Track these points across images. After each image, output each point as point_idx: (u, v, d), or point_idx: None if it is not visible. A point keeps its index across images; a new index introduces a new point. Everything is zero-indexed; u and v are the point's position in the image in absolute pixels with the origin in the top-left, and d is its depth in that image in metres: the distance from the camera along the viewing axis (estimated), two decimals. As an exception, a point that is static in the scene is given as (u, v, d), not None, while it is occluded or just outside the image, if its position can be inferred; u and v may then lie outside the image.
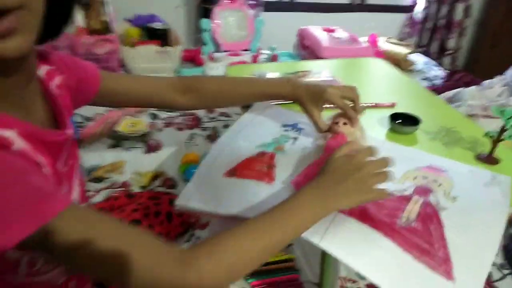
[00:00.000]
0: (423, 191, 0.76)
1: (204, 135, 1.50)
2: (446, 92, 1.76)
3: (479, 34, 3.35)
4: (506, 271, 1.13)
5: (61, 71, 0.57)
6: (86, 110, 1.59)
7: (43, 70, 0.54)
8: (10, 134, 0.43)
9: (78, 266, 0.45)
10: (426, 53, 3.14)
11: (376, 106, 1.07)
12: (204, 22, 2.06)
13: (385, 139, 0.94)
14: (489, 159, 0.87)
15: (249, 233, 0.52)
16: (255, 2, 2.57)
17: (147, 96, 0.75)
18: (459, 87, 1.80)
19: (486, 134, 0.87)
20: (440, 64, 3.23)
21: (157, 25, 1.94)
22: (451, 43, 3.14)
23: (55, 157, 0.50)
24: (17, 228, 0.39)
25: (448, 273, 0.63)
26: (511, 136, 0.84)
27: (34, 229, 0.39)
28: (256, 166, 0.82)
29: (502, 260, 1.15)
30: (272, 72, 1.17)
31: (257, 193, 0.73)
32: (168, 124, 1.56)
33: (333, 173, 0.62)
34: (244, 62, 2.00)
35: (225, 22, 2.10)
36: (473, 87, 1.72)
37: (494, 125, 1.50)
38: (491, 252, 0.65)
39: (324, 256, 0.88)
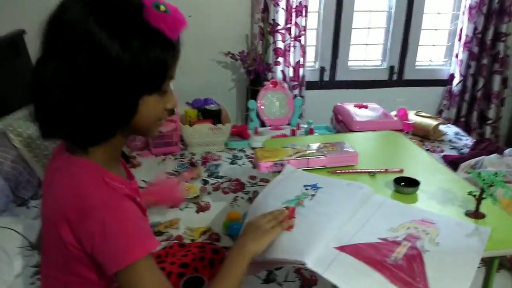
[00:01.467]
0: (412, 237, 0.95)
1: (246, 197, 1.75)
2: (469, 160, 1.91)
3: (519, 104, 3.43)
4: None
5: None
6: (149, 176, 1.91)
7: None
8: (125, 188, 0.71)
9: None
10: (463, 124, 3.27)
11: (386, 171, 1.29)
12: (251, 103, 2.40)
13: (389, 197, 1.14)
14: (475, 215, 1.04)
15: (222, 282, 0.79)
16: (297, 82, 2.92)
17: None
18: (483, 155, 1.94)
19: (470, 193, 1.05)
20: (480, 134, 3.33)
21: (211, 106, 2.31)
22: (491, 113, 3.26)
23: (136, 197, 0.77)
24: (138, 250, 0.65)
25: None
26: (491, 194, 1.02)
27: (144, 254, 0.65)
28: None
29: (510, 311, 1.24)
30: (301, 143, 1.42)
31: (280, 238, 0.95)
32: (216, 188, 1.83)
33: (247, 230, 0.89)
34: (284, 135, 2.28)
35: (268, 102, 2.44)
36: (493, 155, 1.86)
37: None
38: (464, 286, 0.81)
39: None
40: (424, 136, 2.37)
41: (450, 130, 2.55)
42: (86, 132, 0.67)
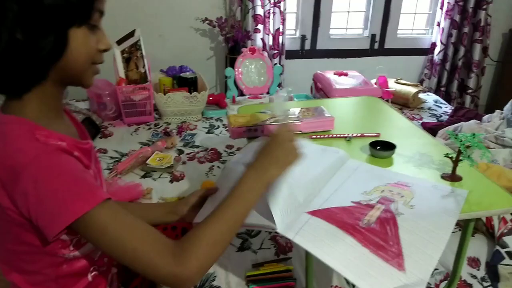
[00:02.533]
0: (386, 200, 0.92)
1: (222, 166, 1.71)
2: (448, 127, 1.89)
3: (499, 73, 3.45)
4: (486, 284, 1.22)
5: None
6: (122, 147, 1.85)
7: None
8: (64, 144, 0.65)
9: (101, 246, 0.64)
10: (443, 93, 3.27)
11: (362, 136, 1.25)
12: (228, 70, 2.32)
13: (365, 162, 1.11)
14: (452, 177, 1.02)
15: (216, 221, 0.69)
16: (277, 51, 2.85)
17: None
18: (461, 122, 1.92)
19: (446, 155, 1.02)
20: (460, 103, 3.34)
21: (186, 74, 2.22)
22: (471, 82, 3.26)
23: (89, 161, 0.72)
24: (80, 204, 0.59)
25: (400, 265, 0.78)
26: (468, 156, 0.99)
27: (91, 207, 0.59)
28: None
29: (484, 274, 1.24)
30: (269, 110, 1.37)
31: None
32: (191, 158, 1.78)
33: (263, 152, 0.79)
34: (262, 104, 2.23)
35: (246, 70, 2.36)
36: (472, 121, 1.85)
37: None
38: (438, 249, 0.79)
39: (307, 259, 1.03)
40: (404, 104, 2.35)
41: (429, 98, 2.53)
42: (14, 74, 0.62)
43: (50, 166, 0.60)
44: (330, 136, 1.25)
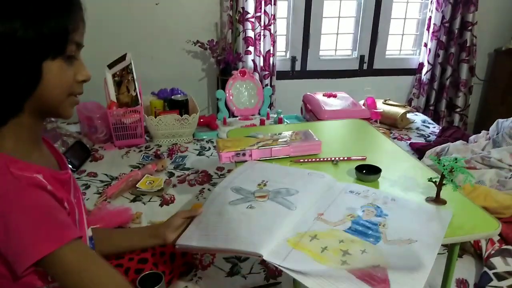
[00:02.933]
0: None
1: (212, 189, 1.71)
2: (435, 147, 1.92)
3: (486, 92, 3.51)
4: (475, 306, 1.23)
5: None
6: (112, 170, 1.85)
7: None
8: (39, 176, 0.65)
9: (64, 286, 0.64)
10: (432, 112, 3.32)
11: (349, 159, 1.26)
12: (219, 93, 2.35)
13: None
14: (436, 201, 1.04)
15: None
16: (268, 72, 2.89)
17: None
18: (449, 142, 1.95)
19: (430, 180, 1.03)
20: (449, 122, 3.39)
21: (177, 97, 2.24)
22: (459, 101, 3.31)
23: (68, 191, 0.72)
24: (46, 243, 0.60)
25: None
26: (452, 180, 1.01)
27: (57, 246, 0.60)
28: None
29: (472, 296, 1.25)
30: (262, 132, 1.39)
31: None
32: (181, 181, 1.78)
33: None
34: (253, 125, 2.25)
35: (237, 92, 2.39)
36: (459, 142, 1.87)
37: (476, 175, 1.64)
38: (423, 274, 0.80)
39: (295, 284, 1.03)
40: (392, 125, 2.38)
41: (417, 118, 2.56)
42: None
43: (19, 202, 0.60)
44: (318, 159, 1.26)
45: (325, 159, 1.26)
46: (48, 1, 0.62)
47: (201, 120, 2.28)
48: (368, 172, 1.16)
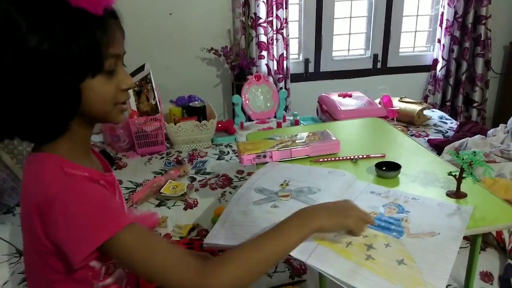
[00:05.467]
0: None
1: (233, 192, 1.75)
2: (454, 142, 1.92)
3: (503, 85, 3.48)
4: (500, 298, 1.23)
5: None
6: (136, 177, 1.90)
7: None
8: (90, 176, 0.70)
9: (132, 268, 0.69)
10: (449, 108, 3.30)
11: (368, 157, 1.29)
12: (235, 98, 2.39)
13: (371, 183, 1.14)
14: (457, 194, 1.05)
15: (253, 249, 0.71)
16: (282, 75, 2.92)
17: None
18: (467, 137, 1.95)
19: (450, 173, 1.05)
20: (467, 117, 3.36)
21: (194, 103, 2.30)
22: (476, 96, 3.29)
23: (113, 191, 0.77)
24: (106, 229, 0.63)
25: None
26: (471, 173, 1.02)
27: (116, 231, 0.63)
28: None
29: (497, 288, 1.25)
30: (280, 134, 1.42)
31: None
32: (203, 185, 1.83)
33: (328, 205, 0.83)
34: (270, 128, 2.28)
35: (253, 96, 2.43)
36: (477, 136, 1.88)
37: (496, 168, 1.64)
38: (448, 265, 0.82)
39: (321, 282, 1.06)
40: (409, 122, 2.38)
41: (434, 114, 2.56)
42: (34, 130, 0.66)
43: (78, 194, 0.65)
44: (337, 158, 1.29)
45: (344, 158, 1.29)
46: (75, 18, 0.60)
47: (219, 125, 2.32)
48: (388, 169, 1.18)
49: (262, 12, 2.75)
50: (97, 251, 0.64)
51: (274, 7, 2.76)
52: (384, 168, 1.18)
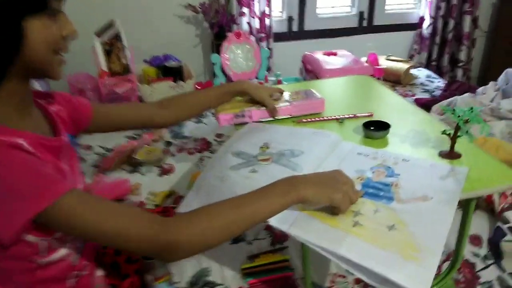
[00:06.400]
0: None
1: (212, 157, 1.65)
2: (442, 101, 1.84)
3: (490, 44, 3.39)
4: (489, 262, 1.19)
5: (58, 102, 0.77)
6: (107, 142, 1.78)
7: (44, 100, 0.74)
8: (21, 141, 0.60)
9: (83, 236, 0.63)
10: (435, 68, 3.21)
11: (355, 117, 1.19)
12: (214, 57, 2.25)
13: (358, 144, 1.05)
14: (450, 155, 0.97)
15: (232, 206, 0.66)
16: (264, 34, 2.77)
17: (136, 115, 0.94)
18: (455, 96, 1.88)
19: (444, 132, 0.97)
20: (452, 77, 3.29)
21: (171, 63, 2.15)
22: (462, 55, 3.20)
23: (56, 157, 0.66)
24: (34, 202, 0.55)
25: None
26: (467, 131, 0.94)
27: (47, 204, 0.55)
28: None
29: (486, 252, 1.21)
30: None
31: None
32: (180, 150, 1.72)
33: (314, 175, 0.75)
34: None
35: (233, 55, 2.29)
36: (466, 94, 1.80)
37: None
38: (444, 229, 0.74)
39: (304, 248, 0.98)
40: (396, 81, 2.30)
41: (421, 73, 2.48)
42: None
43: (4, 163, 0.56)
44: (321, 119, 1.19)
45: (330, 117, 1.19)
46: None
47: (198, 86, 2.19)
48: (376, 129, 1.09)
49: (242, -36, 2.56)
50: (33, 223, 0.56)
51: (255, -41, 2.57)
52: (372, 127, 1.09)
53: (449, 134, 0.96)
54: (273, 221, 0.78)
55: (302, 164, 0.94)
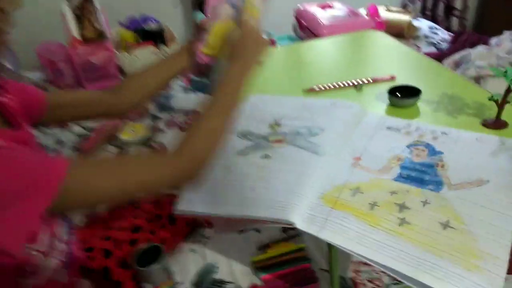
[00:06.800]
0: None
1: (207, 131, 1.48)
2: (452, 55, 1.68)
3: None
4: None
5: (9, 91, 0.66)
6: (86, 121, 1.58)
7: None
8: None
9: (108, 198, 0.58)
10: (430, 18, 3.02)
11: (375, 81, 1.03)
12: (198, 15, 2.02)
13: (385, 115, 0.90)
14: (496, 124, 0.83)
15: (211, 115, 0.66)
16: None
17: (90, 102, 0.83)
18: (466, 48, 1.72)
19: (491, 98, 0.81)
20: (447, 27, 3.11)
21: (150, 26, 1.92)
22: (457, 3, 3.01)
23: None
24: (37, 197, 0.48)
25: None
26: (518, 97, 0.79)
27: (52, 194, 0.49)
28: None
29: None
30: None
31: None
32: (170, 125, 1.54)
33: (238, 46, 0.73)
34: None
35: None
36: (480, 47, 1.64)
37: (505, 82, 1.43)
38: (506, 232, 0.60)
39: (330, 250, 0.85)
40: (398, 35, 2.11)
41: (422, 24, 2.29)
42: None
43: None
44: (335, 86, 1.02)
45: (345, 84, 1.02)
46: None
47: (182, 50, 1.98)
48: (404, 95, 0.93)
49: None
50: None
51: None
52: (398, 94, 0.93)
53: (497, 101, 0.81)
54: (300, 223, 0.63)
55: (324, 145, 0.78)
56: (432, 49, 1.97)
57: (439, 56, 1.79)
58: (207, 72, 0.81)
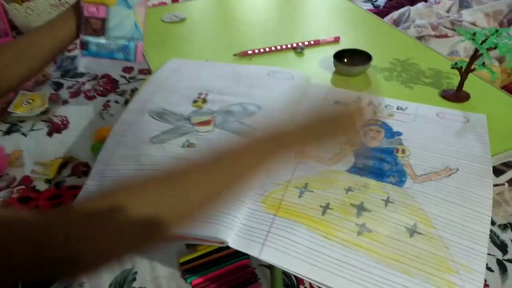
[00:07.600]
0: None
1: (121, 101, 1.25)
2: (390, 14, 1.58)
3: None
4: None
5: None
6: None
7: None
8: None
9: None
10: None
11: (317, 43, 0.87)
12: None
13: (330, 85, 0.76)
14: (457, 96, 0.71)
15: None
16: None
17: None
18: (404, 6, 1.62)
19: (455, 65, 0.69)
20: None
21: (47, -29, 1.58)
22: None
23: None
24: None
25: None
26: (484, 64, 0.68)
27: None
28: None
29: None
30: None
31: None
32: (75, 94, 1.29)
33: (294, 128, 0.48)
34: (163, 3, 1.70)
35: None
36: (419, 4, 1.55)
37: (448, 44, 1.36)
38: (482, 236, 0.50)
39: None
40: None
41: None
42: None
43: None
44: (273, 49, 0.85)
45: (284, 47, 0.86)
46: None
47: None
48: (351, 61, 0.79)
49: None
50: None
51: None
52: (345, 60, 0.79)
53: (460, 68, 0.69)
54: (235, 242, 0.48)
55: (261, 126, 0.62)
56: (368, 6, 1.85)
57: (376, 13, 1.67)
58: (101, 29, 0.59)
